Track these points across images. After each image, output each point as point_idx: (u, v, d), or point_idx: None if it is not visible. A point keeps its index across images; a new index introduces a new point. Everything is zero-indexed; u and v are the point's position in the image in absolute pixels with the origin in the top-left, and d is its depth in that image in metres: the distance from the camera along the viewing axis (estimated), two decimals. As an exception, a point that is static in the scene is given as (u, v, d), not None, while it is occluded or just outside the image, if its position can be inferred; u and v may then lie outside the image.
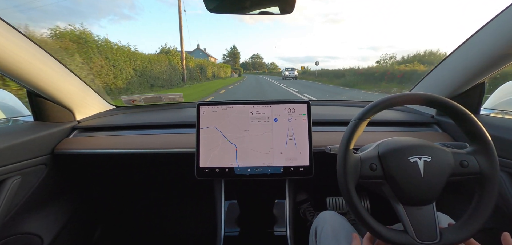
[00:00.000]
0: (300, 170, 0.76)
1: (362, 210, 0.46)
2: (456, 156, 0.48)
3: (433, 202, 0.47)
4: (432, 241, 0.44)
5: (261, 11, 0.71)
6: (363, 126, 0.51)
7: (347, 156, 0.48)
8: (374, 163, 0.48)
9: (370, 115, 0.50)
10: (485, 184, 0.46)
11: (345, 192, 0.47)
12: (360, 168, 0.48)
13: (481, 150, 0.47)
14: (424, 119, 0.98)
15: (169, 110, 1.26)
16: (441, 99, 0.49)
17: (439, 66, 0.92)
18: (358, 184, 0.49)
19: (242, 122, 0.78)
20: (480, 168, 0.46)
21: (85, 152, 0.88)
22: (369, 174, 0.48)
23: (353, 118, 0.52)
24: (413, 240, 0.44)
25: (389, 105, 0.51)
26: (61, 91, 0.89)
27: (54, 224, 0.96)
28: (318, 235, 0.70)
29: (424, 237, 0.44)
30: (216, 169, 0.77)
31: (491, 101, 0.99)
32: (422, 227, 0.45)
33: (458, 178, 0.47)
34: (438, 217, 0.47)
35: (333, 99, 1.37)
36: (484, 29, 0.71)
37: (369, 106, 0.51)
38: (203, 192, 1.31)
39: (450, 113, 0.50)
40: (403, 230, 0.46)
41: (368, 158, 0.49)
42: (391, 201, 0.48)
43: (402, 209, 0.46)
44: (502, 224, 0.72)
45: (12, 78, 0.75)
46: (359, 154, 0.50)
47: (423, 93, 0.51)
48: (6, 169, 0.71)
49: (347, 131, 0.50)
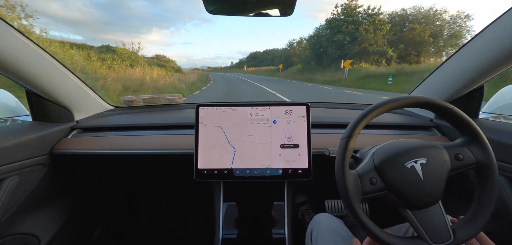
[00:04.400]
0: (299, 172, 0.76)
1: (373, 226, 0.45)
2: (450, 150, 0.48)
3: (439, 201, 0.46)
4: (447, 241, 0.43)
5: (261, 13, 0.71)
6: (354, 140, 0.49)
7: (346, 176, 0.46)
8: (374, 177, 0.48)
9: (358, 129, 0.49)
10: (483, 173, 0.46)
11: (353, 214, 0.46)
12: (361, 185, 0.47)
13: (472, 140, 0.48)
14: (423, 122, 0.99)
15: (168, 111, 1.25)
16: (425, 99, 0.49)
17: (438, 69, 0.93)
18: (362, 200, 0.48)
19: (241, 124, 0.78)
20: (475, 158, 0.47)
21: (84, 152, 0.87)
22: (370, 189, 0.47)
23: (342, 136, 0.50)
24: (429, 244, 0.43)
25: (376, 114, 0.49)
26: (60, 91, 0.88)
27: (51, 225, 0.95)
28: (314, 237, 0.70)
29: (438, 239, 0.44)
30: (215, 170, 0.76)
31: (490, 105, 0.99)
32: (434, 228, 0.45)
33: (457, 172, 0.47)
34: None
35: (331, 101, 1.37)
36: (483, 34, 0.71)
37: (356, 121, 0.49)
38: (202, 194, 1.30)
39: (437, 111, 0.50)
40: (416, 236, 0.45)
41: (366, 172, 0.48)
42: (398, 208, 0.48)
43: (410, 214, 0.46)
44: (501, 228, 0.72)
45: (11, 77, 0.75)
46: (357, 170, 0.49)
47: (407, 96, 0.51)
48: (4, 169, 0.70)
49: (339, 150, 0.49)
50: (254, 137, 0.78)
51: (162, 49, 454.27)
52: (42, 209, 0.92)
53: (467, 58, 0.78)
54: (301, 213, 1.20)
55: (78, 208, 1.09)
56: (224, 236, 0.86)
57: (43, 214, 0.92)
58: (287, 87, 13.92)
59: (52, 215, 0.96)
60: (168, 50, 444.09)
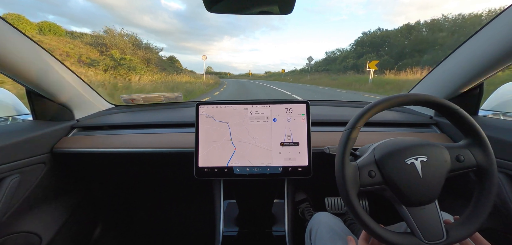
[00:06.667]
0: (299, 170, 0.76)
1: (368, 219, 0.45)
2: (452, 151, 0.48)
3: (435, 200, 0.47)
4: (439, 240, 0.44)
5: (260, 11, 0.71)
6: (357, 132, 0.50)
7: (345, 167, 0.47)
8: (373, 170, 0.48)
9: (361, 123, 0.50)
10: (483, 176, 0.46)
11: (348, 204, 0.46)
12: (359, 177, 0.48)
13: (475, 143, 0.48)
14: (423, 120, 0.99)
15: (168, 110, 1.26)
16: (429, 97, 0.49)
17: (437, 67, 0.93)
18: (359, 192, 0.48)
19: (241, 122, 0.78)
20: (476, 161, 0.47)
21: (84, 151, 0.88)
22: (368, 181, 0.48)
23: (345, 127, 0.51)
24: (421, 241, 0.44)
25: (378, 110, 0.50)
26: (60, 90, 0.89)
27: (53, 223, 0.96)
28: (313, 236, 0.70)
29: (431, 237, 0.44)
30: (215, 168, 0.77)
31: (490, 102, 0.99)
32: (428, 226, 0.45)
33: (456, 173, 0.48)
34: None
35: (332, 99, 1.37)
36: (483, 31, 0.72)
37: (359, 114, 0.50)
38: (202, 192, 1.31)
39: (441, 110, 0.50)
40: (409, 233, 0.46)
41: (365, 165, 0.49)
42: (394, 204, 0.48)
43: (406, 211, 0.46)
44: (499, 225, 0.73)
45: (11, 77, 0.75)
46: (357, 162, 0.50)
47: (408, 93, 0.51)
48: (5, 167, 0.71)
49: (341, 141, 0.50)
50: (254, 135, 0.78)
51: (231, 55, 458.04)
52: (43, 207, 0.92)
53: (468, 55, 0.78)
54: (301, 210, 1.21)
55: (79, 206, 1.10)
56: (224, 234, 0.87)
57: (44, 213, 0.93)
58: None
59: (53, 213, 0.97)
60: (236, 56, 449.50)
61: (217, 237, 0.87)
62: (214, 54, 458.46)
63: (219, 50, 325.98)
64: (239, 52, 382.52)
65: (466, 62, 0.78)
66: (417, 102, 0.50)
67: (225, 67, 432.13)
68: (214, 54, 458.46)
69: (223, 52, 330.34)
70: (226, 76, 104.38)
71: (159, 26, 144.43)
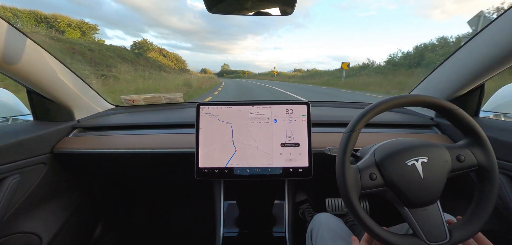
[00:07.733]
0: (300, 171, 0.76)
1: (370, 222, 0.45)
2: (452, 151, 0.48)
3: (437, 201, 0.47)
4: (442, 241, 0.44)
5: (261, 12, 0.71)
6: (357, 134, 0.50)
7: (346, 170, 0.47)
8: (373, 172, 0.48)
9: (361, 125, 0.49)
10: (484, 176, 0.46)
11: (350, 207, 0.46)
12: (360, 180, 0.47)
13: (475, 142, 0.48)
14: (424, 121, 0.99)
15: (168, 110, 1.26)
16: (427, 98, 0.49)
17: (438, 68, 0.93)
18: (361, 195, 0.48)
19: (242, 123, 0.78)
20: (477, 160, 0.47)
21: (85, 151, 0.88)
22: (370, 184, 0.47)
23: (345, 130, 0.51)
24: (424, 242, 0.44)
25: (379, 111, 0.49)
26: (61, 90, 0.89)
27: (53, 223, 0.96)
28: (314, 237, 0.70)
29: (434, 238, 0.44)
30: (216, 169, 0.77)
31: (490, 103, 0.99)
32: (431, 228, 0.45)
33: (457, 173, 0.47)
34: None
35: (332, 100, 1.37)
36: (484, 32, 0.71)
37: (360, 116, 0.50)
38: (203, 192, 1.31)
39: (440, 110, 0.50)
40: (412, 234, 0.46)
41: (366, 167, 0.49)
42: (396, 206, 0.48)
43: (408, 212, 0.46)
44: (501, 227, 0.72)
45: (12, 77, 0.75)
46: (358, 165, 0.50)
47: (408, 95, 0.51)
48: (5, 167, 0.71)
49: (341, 144, 0.49)
50: (254, 136, 0.78)
51: (254, 54, 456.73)
52: (43, 207, 0.92)
53: (468, 56, 0.78)
54: (302, 211, 1.20)
55: (79, 206, 1.10)
56: (224, 235, 0.87)
57: (45, 213, 0.93)
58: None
59: (54, 213, 0.97)
60: (260, 55, 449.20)
61: (217, 237, 0.87)
62: (238, 53, 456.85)
63: (242, 49, 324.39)
64: (262, 50, 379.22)
65: (467, 63, 0.78)
66: (416, 103, 0.50)
67: (248, 66, 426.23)
68: (238, 53, 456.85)
69: (247, 51, 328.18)
70: (244, 75, 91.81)
71: (185, 27, 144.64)
